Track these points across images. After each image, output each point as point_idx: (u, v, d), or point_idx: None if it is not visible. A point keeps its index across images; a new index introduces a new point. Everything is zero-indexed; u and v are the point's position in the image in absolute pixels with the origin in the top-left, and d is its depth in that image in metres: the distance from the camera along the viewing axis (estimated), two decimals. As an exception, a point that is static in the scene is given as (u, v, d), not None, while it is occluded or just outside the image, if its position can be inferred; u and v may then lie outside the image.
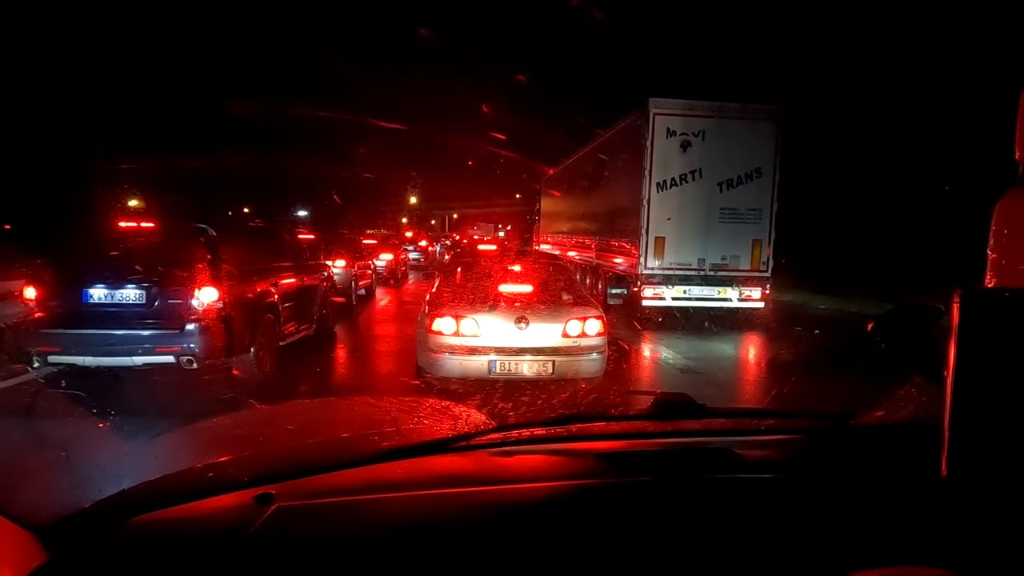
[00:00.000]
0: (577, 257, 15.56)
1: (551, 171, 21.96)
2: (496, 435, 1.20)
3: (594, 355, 5.38)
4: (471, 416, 1.37)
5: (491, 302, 5.44)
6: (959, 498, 0.69)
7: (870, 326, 0.99)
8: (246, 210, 28.95)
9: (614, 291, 11.50)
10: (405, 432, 1.28)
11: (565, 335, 5.31)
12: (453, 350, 5.19)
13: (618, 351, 6.26)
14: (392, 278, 17.57)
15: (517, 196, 44.19)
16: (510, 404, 1.43)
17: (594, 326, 5.40)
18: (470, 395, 4.36)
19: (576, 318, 5.38)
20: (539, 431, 1.25)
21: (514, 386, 5.04)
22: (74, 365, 5.31)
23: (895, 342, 0.95)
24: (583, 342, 5.35)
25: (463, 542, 0.85)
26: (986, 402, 0.63)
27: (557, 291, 5.90)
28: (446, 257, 17.79)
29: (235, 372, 5.67)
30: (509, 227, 47.57)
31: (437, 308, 5.43)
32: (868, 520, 0.84)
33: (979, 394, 0.63)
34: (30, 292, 5.44)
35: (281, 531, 0.85)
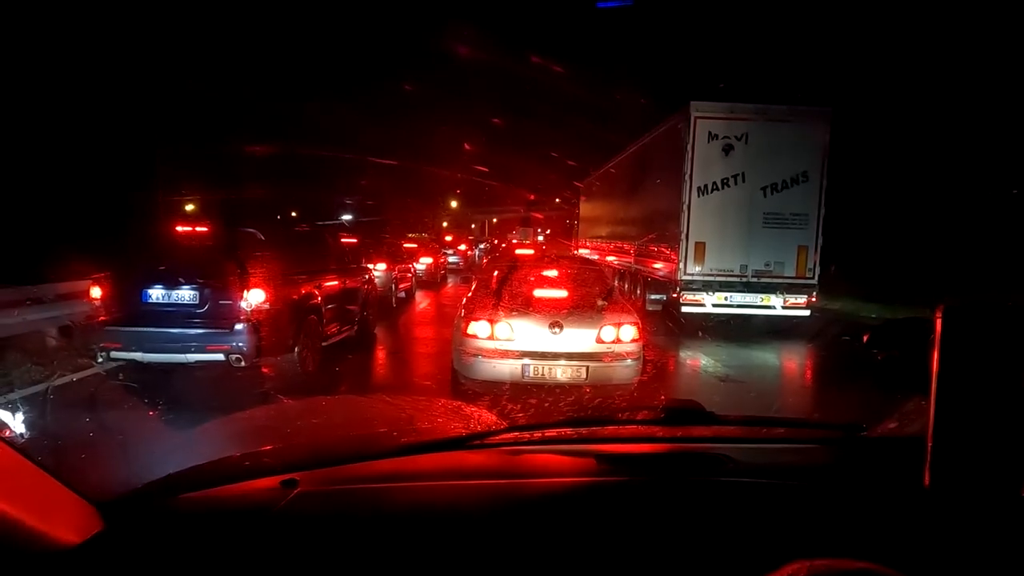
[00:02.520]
0: (616, 262, 15.44)
1: (590, 175, 21.96)
2: (508, 435, 1.26)
3: (629, 361, 5.35)
4: (483, 416, 1.43)
5: (526, 306, 5.49)
6: (938, 507, 0.70)
7: (866, 338, 0.99)
8: (293, 214, 29.96)
9: (653, 297, 11.36)
10: (420, 430, 1.36)
11: (600, 341, 5.30)
12: (487, 353, 5.25)
13: (655, 358, 6.20)
14: (431, 281, 17.86)
15: (557, 200, 44.18)
16: (520, 406, 1.49)
17: (629, 332, 5.37)
18: (483, 396, 4.41)
19: (611, 324, 5.36)
20: (550, 432, 1.30)
21: (542, 389, 5.06)
22: (133, 361, 5.65)
23: (891, 354, 0.95)
24: (618, 348, 5.32)
25: (473, 528, 0.92)
26: (967, 413, 0.64)
27: (593, 296, 5.89)
28: (484, 261, 17.94)
29: (266, 370, 5.90)
30: (548, 231, 47.58)
31: (473, 311, 5.51)
32: (864, 528, 0.85)
33: (961, 405, 0.64)
34: (95, 292, 5.82)
35: (302, 512, 0.95)
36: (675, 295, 10.14)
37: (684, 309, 9.97)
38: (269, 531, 0.89)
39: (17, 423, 1.03)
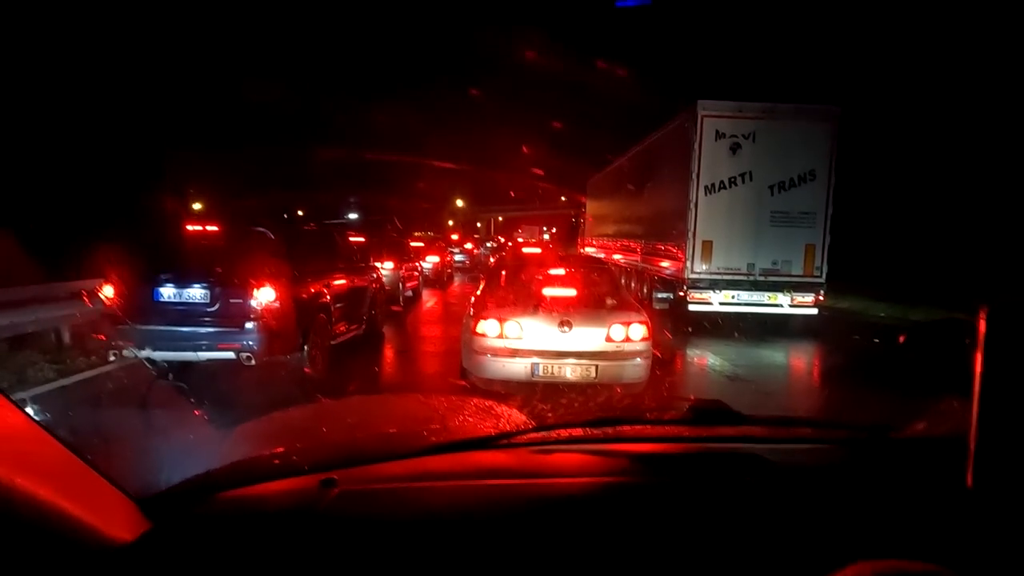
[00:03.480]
0: (622, 260, 15.49)
1: (597, 174, 21.97)
2: (536, 434, 1.27)
3: (638, 360, 5.35)
4: (512, 416, 1.44)
5: (535, 305, 5.49)
6: (984, 509, 0.70)
7: (902, 338, 1.00)
8: (301, 213, 30.08)
9: (660, 295, 11.39)
10: (452, 428, 1.37)
11: (609, 339, 5.30)
12: (496, 352, 5.26)
13: (663, 357, 6.21)
14: (438, 280, 17.89)
15: (563, 199, 44.13)
16: (549, 406, 1.49)
17: (638, 331, 5.37)
18: (512, 396, 4.43)
19: (620, 322, 5.36)
20: (577, 432, 1.31)
21: (556, 389, 5.07)
22: (145, 359, 5.69)
23: (927, 355, 0.95)
24: (627, 347, 5.32)
25: (504, 527, 0.93)
26: (1011, 414, 0.65)
27: (601, 295, 5.89)
28: (491, 260, 17.95)
29: (284, 368, 5.94)
30: (555, 230, 47.52)
31: (481, 310, 5.53)
32: (912, 529, 0.86)
33: (1006, 406, 0.65)
34: (108, 290, 5.87)
35: (344, 511, 0.97)
36: (682, 293, 10.14)
37: (691, 307, 9.97)
38: (313, 531, 0.91)
39: (55, 419, 1.04)
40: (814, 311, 9.85)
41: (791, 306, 9.79)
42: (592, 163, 22.71)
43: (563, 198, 44.09)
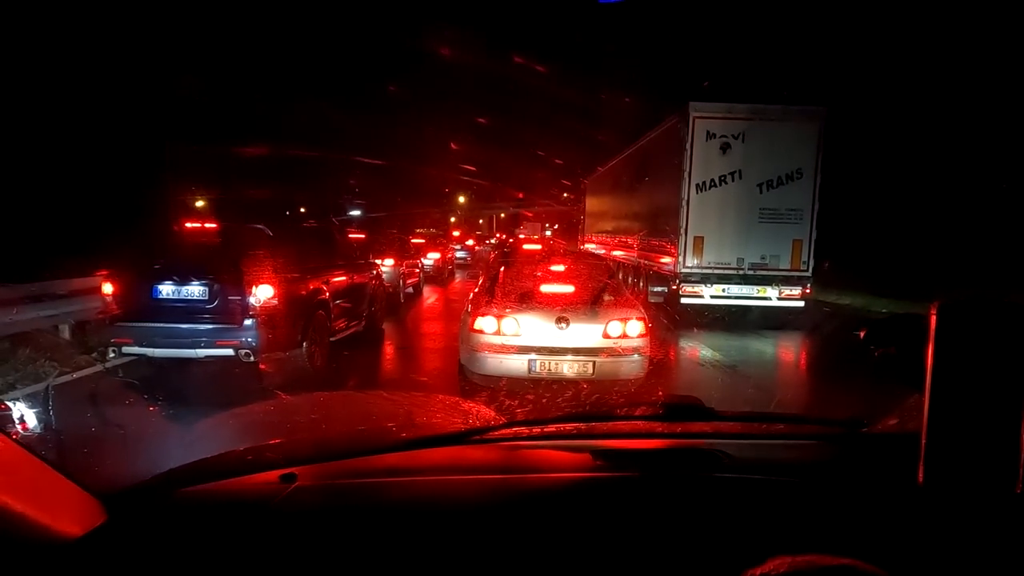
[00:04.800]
0: (621, 256, 15.75)
1: (595, 172, 22.30)
2: (507, 431, 1.26)
3: (635, 356, 5.34)
4: (481, 412, 1.44)
5: (532, 301, 5.49)
6: (932, 505, 0.70)
7: (862, 333, 0.99)
8: (302, 210, 30.10)
9: (655, 289, 11.73)
10: (419, 425, 1.37)
11: (606, 336, 5.30)
12: (494, 348, 5.26)
13: (657, 349, 6.23)
14: (439, 276, 17.90)
15: (565, 195, 44.09)
16: (517, 401, 1.49)
17: (636, 327, 5.36)
18: (492, 392, 4.43)
19: (617, 319, 5.36)
20: (549, 428, 1.30)
21: (547, 384, 5.08)
22: (144, 356, 5.71)
23: (887, 350, 0.95)
24: (624, 343, 5.32)
25: (471, 523, 0.93)
26: (962, 410, 0.64)
27: (599, 291, 5.88)
28: (492, 256, 18.00)
29: (275, 366, 5.95)
30: (556, 227, 47.50)
31: (479, 307, 5.53)
32: (856, 525, 0.85)
33: (956, 402, 0.64)
34: (107, 288, 5.89)
35: (300, 505, 0.97)
36: (675, 287, 10.46)
37: (683, 300, 10.31)
38: (267, 524, 0.91)
39: (22, 419, 1.04)
40: (801, 304, 10.16)
41: (779, 299, 10.10)
42: (595, 159, 22.88)
43: (565, 195, 44.07)
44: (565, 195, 43.79)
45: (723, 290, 10.17)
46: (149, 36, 19.13)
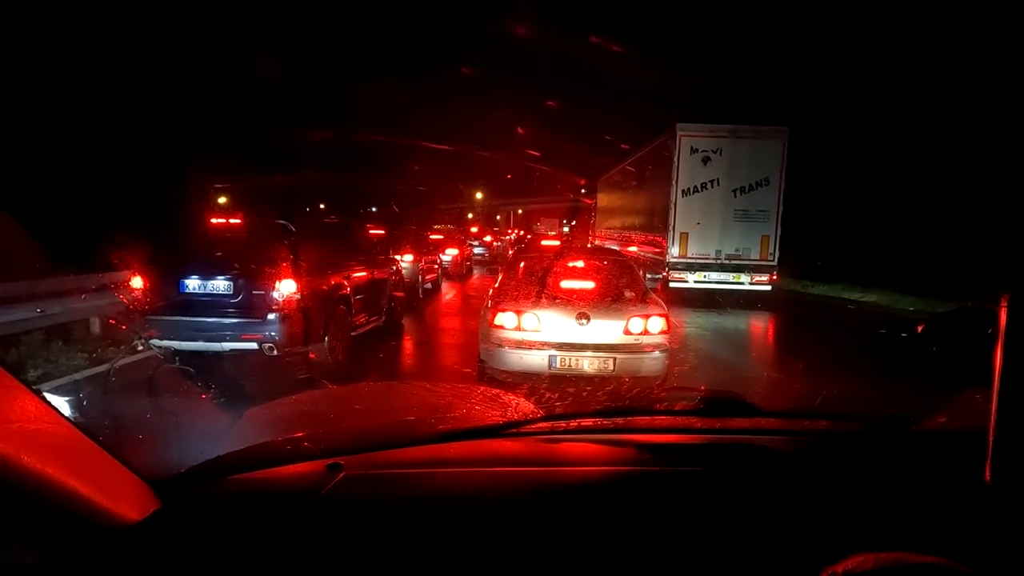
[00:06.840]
0: (624, 248, 16.88)
1: (605, 174, 24.57)
2: (545, 424, 1.27)
3: (656, 353, 5.30)
4: (520, 405, 1.44)
5: (552, 297, 5.47)
6: (1002, 504, 0.68)
7: (920, 328, 0.96)
8: (322, 206, 30.39)
9: (650, 276, 13.29)
10: (459, 417, 1.38)
11: (627, 332, 5.26)
12: (514, 344, 5.26)
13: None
14: (457, 272, 17.94)
15: (583, 191, 43.90)
16: (557, 395, 1.49)
17: (657, 324, 5.32)
18: (520, 385, 4.44)
19: (639, 315, 5.31)
20: (586, 422, 1.30)
21: (569, 380, 5.06)
22: (171, 348, 5.83)
23: (947, 345, 0.92)
24: (645, 340, 5.28)
25: (510, 512, 0.94)
26: None
27: (619, 287, 5.84)
28: (509, 252, 18.02)
29: (312, 357, 6.05)
30: (574, 222, 47.27)
31: (499, 302, 5.53)
32: (923, 523, 0.84)
33: None
34: (137, 282, 6.02)
35: (347, 494, 0.99)
36: (664, 274, 12.75)
37: (671, 285, 12.56)
38: (315, 512, 0.93)
39: (76, 405, 1.08)
40: (768, 288, 12.41)
41: (751, 284, 12.41)
42: (608, 157, 23.46)
43: (583, 190, 43.87)
44: (584, 190, 43.61)
45: (704, 276, 12.48)
46: (172, 29, 19.39)
